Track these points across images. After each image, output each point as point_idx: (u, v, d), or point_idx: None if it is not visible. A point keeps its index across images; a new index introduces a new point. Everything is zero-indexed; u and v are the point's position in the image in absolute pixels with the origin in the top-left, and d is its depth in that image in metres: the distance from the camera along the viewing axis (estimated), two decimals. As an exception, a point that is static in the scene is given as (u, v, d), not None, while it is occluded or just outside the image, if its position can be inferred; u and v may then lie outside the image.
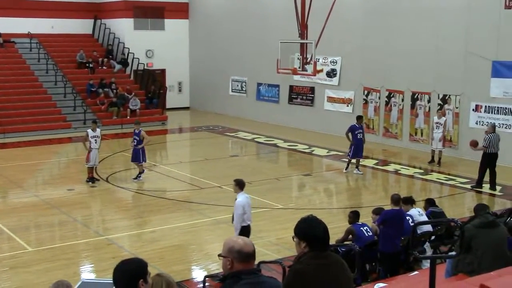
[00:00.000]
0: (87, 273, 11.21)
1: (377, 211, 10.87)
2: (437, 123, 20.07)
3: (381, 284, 8.24)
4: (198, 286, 10.19)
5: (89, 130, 18.03)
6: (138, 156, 17.91)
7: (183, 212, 15.06)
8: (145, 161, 18.24)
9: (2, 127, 25.68)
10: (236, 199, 10.94)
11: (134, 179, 17.95)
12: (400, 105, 23.15)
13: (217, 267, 11.17)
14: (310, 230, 4.67)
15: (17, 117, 26.61)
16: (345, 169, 19.12)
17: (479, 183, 17.08)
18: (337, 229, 11.03)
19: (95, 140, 17.71)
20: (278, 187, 17.69)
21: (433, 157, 20.16)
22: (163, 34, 33.37)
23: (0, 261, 11.70)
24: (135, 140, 17.98)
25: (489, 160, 16.84)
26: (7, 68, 29.06)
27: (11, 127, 25.81)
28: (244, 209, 10.67)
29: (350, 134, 18.92)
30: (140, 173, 17.98)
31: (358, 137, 18.83)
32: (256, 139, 25.05)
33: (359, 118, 19.55)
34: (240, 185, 10.92)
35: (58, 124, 27.03)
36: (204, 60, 33.28)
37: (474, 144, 17.25)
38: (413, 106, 22.70)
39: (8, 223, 13.89)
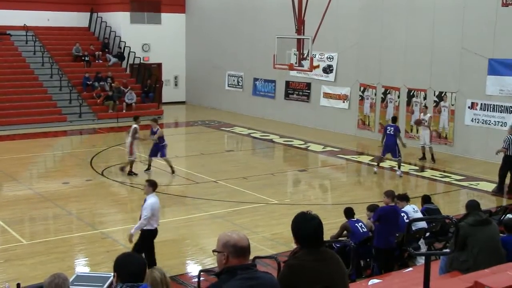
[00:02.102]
0: (81, 267, 11.20)
1: (372, 208, 10.90)
2: (422, 119, 20.12)
3: (376, 280, 8.27)
4: (193, 280, 10.20)
5: (136, 126, 18.05)
6: (157, 152, 18.02)
7: (178, 206, 15.06)
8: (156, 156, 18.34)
9: (-3, 119, 25.64)
10: (145, 200, 10.38)
11: (146, 170, 18.14)
12: (396, 101, 23.17)
13: (212, 262, 11.17)
14: (299, 229, 4.71)
15: (13, 109, 26.53)
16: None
17: (500, 188, 16.34)
18: (332, 225, 11.05)
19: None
20: (274, 182, 17.70)
21: (424, 153, 20.14)
22: (159, 28, 33.30)
23: (-6, 254, 11.70)
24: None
25: (510, 162, 16.18)
26: (3, 61, 28.95)
27: (6, 120, 25.74)
28: (153, 212, 10.19)
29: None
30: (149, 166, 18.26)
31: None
32: (252, 134, 25.05)
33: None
34: (153, 186, 10.42)
35: (54, 117, 26.97)
36: (201, 55, 33.23)
37: (417, 122, 19.92)
38: (409, 103, 22.72)
39: (2, 216, 13.86)
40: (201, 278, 9.03)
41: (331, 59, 25.70)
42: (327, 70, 25.92)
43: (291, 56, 19.97)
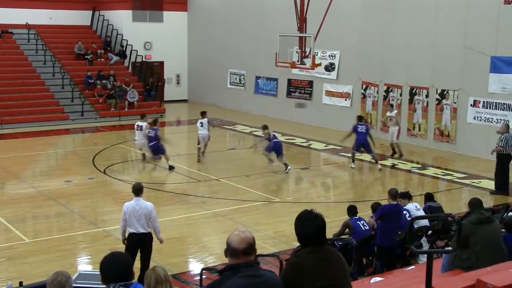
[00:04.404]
0: (84, 265, 11.22)
1: (374, 206, 10.91)
2: (389, 116, 20.54)
3: (378, 278, 8.27)
4: (195, 278, 10.21)
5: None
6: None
7: (180, 204, 15.07)
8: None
9: (0, 118, 25.63)
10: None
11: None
12: (398, 99, 23.14)
13: (214, 260, 11.21)
14: (302, 228, 4.73)
15: (15, 108, 26.52)
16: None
17: (499, 187, 16.06)
18: (334, 223, 11.04)
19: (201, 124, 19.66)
20: (276, 180, 17.71)
21: (394, 150, 20.40)
22: (161, 26, 33.29)
23: (-3, 252, 11.72)
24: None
25: (507, 161, 16.03)
26: (5, 59, 28.95)
27: (8, 118, 25.76)
28: (126, 215, 9.73)
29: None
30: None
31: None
32: (254, 132, 25.04)
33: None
34: (133, 190, 9.95)
35: (56, 115, 26.99)
36: (203, 53, 33.22)
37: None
38: (411, 100, 22.70)
39: (5, 214, 13.89)
40: (203, 276, 9.06)
41: (333, 57, 25.69)
42: (329, 68, 25.91)
43: (293, 54, 19.98)
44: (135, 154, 20.70)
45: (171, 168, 18.49)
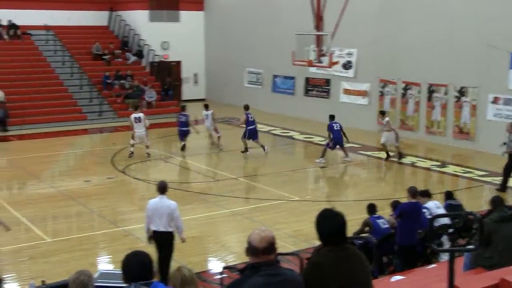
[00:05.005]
0: (104, 264, 11.27)
1: (394, 204, 10.84)
2: (383, 123, 19.90)
3: (399, 277, 8.22)
4: (216, 277, 10.21)
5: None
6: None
7: (199, 203, 15.08)
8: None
9: (19, 119, 25.85)
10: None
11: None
12: (416, 97, 23.00)
13: (233, 259, 11.21)
14: (322, 226, 4.71)
15: (34, 108, 26.72)
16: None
17: (504, 186, 15.99)
18: (353, 221, 10.96)
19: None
20: (294, 179, 17.67)
21: (387, 152, 19.63)
22: (178, 26, 33.37)
23: (19, 251, 11.81)
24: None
25: None
26: (24, 60, 29.19)
27: (27, 119, 25.96)
28: (149, 213, 9.83)
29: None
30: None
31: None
32: (272, 131, 25.01)
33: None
34: (157, 188, 10.05)
35: (74, 115, 27.17)
36: (220, 52, 33.25)
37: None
38: (429, 98, 22.55)
39: (26, 214, 13.99)
40: (224, 275, 9.07)
41: (351, 55, 25.59)
42: (347, 66, 25.82)
43: (310, 52, 19.94)
44: (153, 153, 20.75)
45: (183, 148, 20.57)
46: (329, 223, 4.69)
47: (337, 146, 19.44)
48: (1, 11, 30.29)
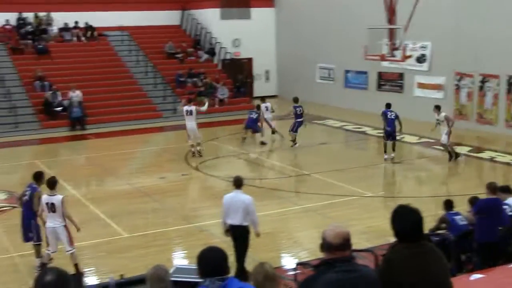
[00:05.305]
0: (179, 259, 11.44)
1: (472, 201, 10.53)
2: (437, 120, 18.67)
3: (478, 275, 7.97)
4: (289, 273, 10.20)
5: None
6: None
7: (272, 200, 15.09)
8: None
9: (96, 117, 26.61)
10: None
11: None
12: (495, 90, 22.27)
13: (307, 255, 11.17)
14: (398, 223, 4.65)
15: (110, 107, 27.43)
16: None
17: None
18: (429, 218, 10.70)
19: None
20: (367, 175, 17.46)
21: (449, 153, 18.53)
22: (249, 23, 33.51)
23: (97, 246, 12.16)
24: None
25: None
26: (100, 61, 30.02)
27: (104, 118, 26.68)
28: (225, 207, 9.97)
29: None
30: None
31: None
32: (344, 127, 24.80)
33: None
34: (233, 182, 10.22)
35: (149, 114, 27.72)
36: (291, 48, 33.19)
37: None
38: (509, 90, 21.78)
39: (104, 210, 14.38)
40: (297, 271, 9.05)
41: (425, 48, 25.03)
42: (421, 59, 25.27)
43: (382, 46, 19.65)
44: (225, 150, 20.94)
45: (262, 143, 21.48)
46: (405, 219, 4.63)
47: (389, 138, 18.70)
48: (79, 14, 31.25)
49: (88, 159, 21.31)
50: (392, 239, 4.74)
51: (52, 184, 10.46)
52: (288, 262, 11.16)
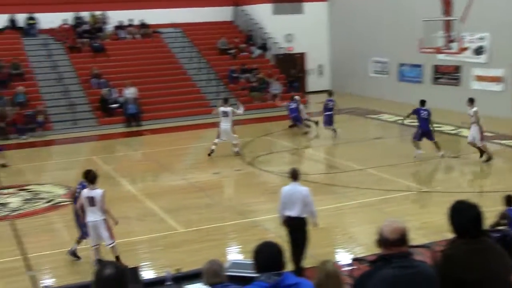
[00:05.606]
0: (234, 254, 11.50)
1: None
2: (469, 114, 17.57)
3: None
4: (345, 269, 10.13)
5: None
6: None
7: (326, 195, 15.00)
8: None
9: (151, 114, 26.98)
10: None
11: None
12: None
13: (362, 251, 11.07)
14: (456, 218, 4.57)
15: (165, 104, 27.80)
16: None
17: None
18: (488, 213, 10.44)
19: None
20: (423, 170, 17.19)
21: (480, 151, 17.60)
22: (302, 18, 33.38)
23: (153, 240, 12.33)
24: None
25: None
26: (155, 58, 30.43)
27: (159, 114, 27.05)
28: (283, 199, 10.00)
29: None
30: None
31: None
32: (399, 121, 24.45)
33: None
34: (290, 175, 10.19)
35: (202, 109, 27.89)
36: (344, 42, 32.94)
37: None
38: None
39: (160, 205, 14.57)
40: (353, 267, 8.98)
41: (482, 40, 24.43)
42: (478, 51, 24.68)
43: (438, 39, 19.30)
44: (279, 145, 20.93)
45: (306, 132, 22.57)
46: (463, 215, 4.56)
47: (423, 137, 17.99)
48: (133, 12, 31.76)
49: (143, 155, 21.65)
50: (449, 235, 4.66)
51: (93, 178, 10.64)
52: (344, 257, 11.08)
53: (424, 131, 17.92)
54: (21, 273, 11.00)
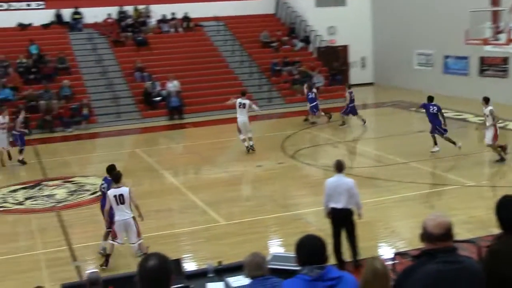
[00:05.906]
0: (276, 247, 11.49)
1: None
2: (485, 114, 16.60)
3: None
4: (387, 263, 10.03)
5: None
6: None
7: (369, 188, 14.84)
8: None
9: (194, 107, 27.13)
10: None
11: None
12: None
13: (404, 245, 10.95)
14: (501, 214, 4.48)
15: (206, 97, 27.88)
16: None
17: None
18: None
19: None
20: (469, 163, 16.87)
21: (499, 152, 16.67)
22: (345, 10, 33.08)
23: (195, 233, 12.41)
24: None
25: None
26: (197, 51, 30.56)
27: (201, 107, 27.18)
28: (328, 191, 9.98)
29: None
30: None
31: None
32: (444, 114, 24.02)
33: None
34: (335, 167, 10.17)
35: (245, 103, 27.92)
36: (387, 35, 32.53)
37: None
38: None
39: (202, 198, 14.65)
40: (396, 261, 8.89)
41: (531, 30, 23.83)
42: (527, 42, 24.09)
43: (485, 30, 18.92)
44: (321, 139, 20.81)
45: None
46: (510, 210, 4.45)
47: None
48: (176, 6, 31.96)
49: (186, 148, 21.81)
50: (496, 231, 4.56)
51: (117, 178, 10.67)
52: (386, 251, 10.97)
53: (436, 126, 17.71)
54: (67, 263, 11.21)
